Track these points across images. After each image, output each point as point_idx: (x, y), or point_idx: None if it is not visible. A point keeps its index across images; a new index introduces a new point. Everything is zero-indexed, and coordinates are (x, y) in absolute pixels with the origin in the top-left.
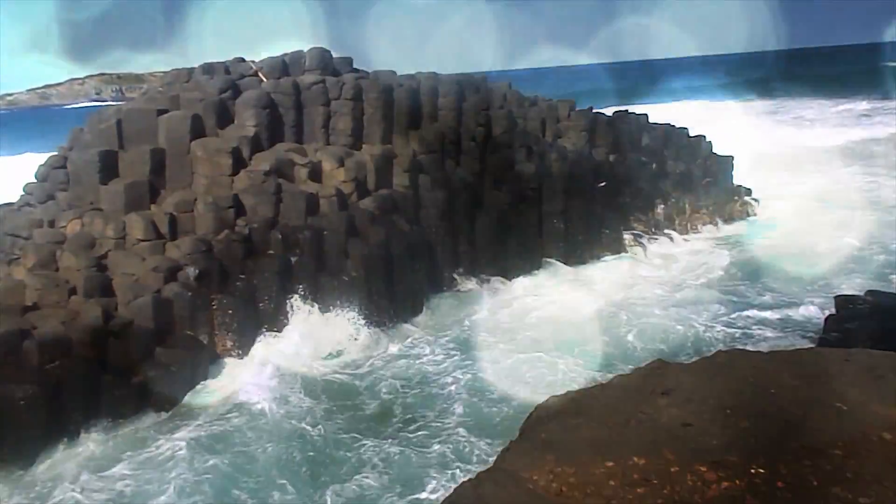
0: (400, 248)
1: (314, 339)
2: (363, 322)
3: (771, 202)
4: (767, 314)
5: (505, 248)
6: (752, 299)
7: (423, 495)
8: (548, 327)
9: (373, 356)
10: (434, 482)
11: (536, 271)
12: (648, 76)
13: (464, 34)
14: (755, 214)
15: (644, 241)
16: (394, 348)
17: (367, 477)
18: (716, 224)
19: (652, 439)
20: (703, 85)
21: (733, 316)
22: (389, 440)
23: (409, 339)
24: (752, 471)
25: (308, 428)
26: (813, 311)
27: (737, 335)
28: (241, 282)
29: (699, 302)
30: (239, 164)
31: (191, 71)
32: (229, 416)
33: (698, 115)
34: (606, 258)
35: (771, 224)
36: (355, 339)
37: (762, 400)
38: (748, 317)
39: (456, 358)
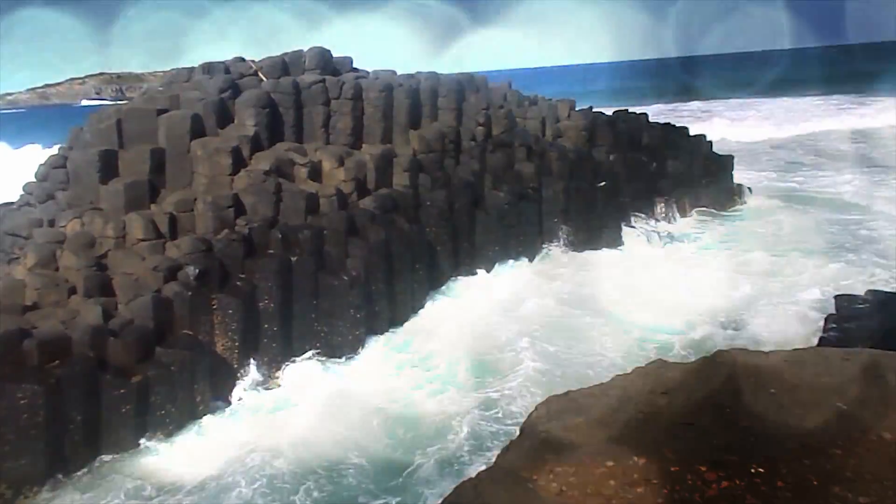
0: (400, 247)
1: None
2: None
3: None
4: None
5: (505, 247)
6: None
7: None
8: None
9: None
10: None
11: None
12: None
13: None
14: (745, 202)
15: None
16: None
17: None
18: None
19: (652, 439)
20: None
21: None
22: None
23: None
24: (752, 470)
25: None
26: None
27: None
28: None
29: None
30: (239, 163)
31: (191, 70)
32: None
33: None
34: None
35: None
36: None
37: (762, 399)
38: None
39: None
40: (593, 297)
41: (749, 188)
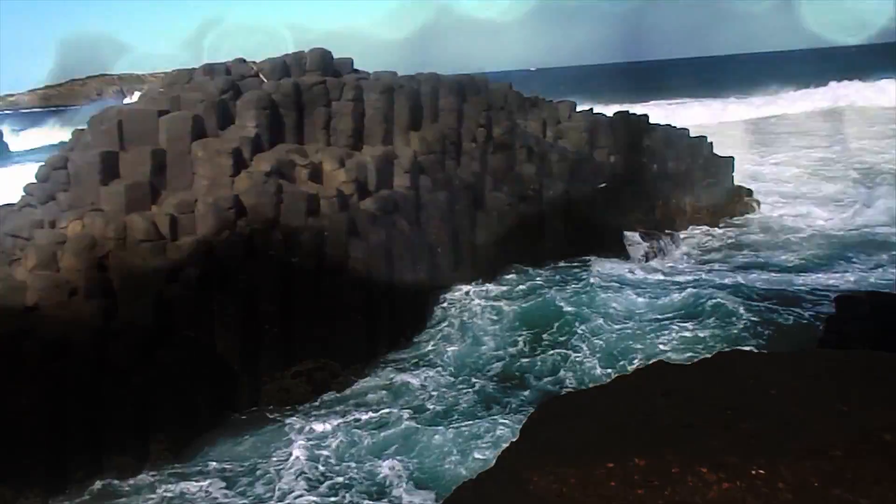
0: (401, 248)
1: None
2: None
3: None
4: None
5: (506, 248)
6: None
7: None
8: None
9: None
10: None
11: None
12: None
13: None
14: (754, 211)
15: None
16: None
17: None
18: (716, 224)
19: (653, 440)
20: None
21: None
22: None
23: None
24: (753, 472)
25: None
26: None
27: None
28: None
29: None
30: (240, 164)
31: (191, 72)
32: None
33: None
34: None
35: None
36: None
37: (762, 401)
38: None
39: None
40: None
41: (750, 189)
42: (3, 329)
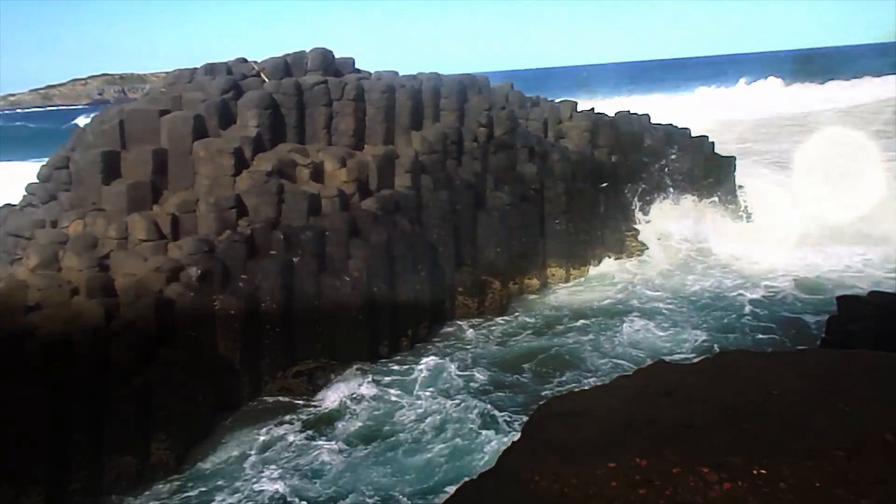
0: (402, 248)
1: None
2: None
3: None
4: None
5: (507, 249)
6: None
7: None
8: None
9: None
10: None
11: None
12: None
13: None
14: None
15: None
16: None
17: None
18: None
19: (654, 440)
20: None
21: None
22: None
23: None
24: (755, 472)
25: None
26: None
27: None
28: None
29: None
30: (241, 164)
31: (193, 71)
32: None
33: None
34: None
35: None
36: None
37: (764, 401)
38: None
39: None
40: None
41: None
42: (4, 329)
